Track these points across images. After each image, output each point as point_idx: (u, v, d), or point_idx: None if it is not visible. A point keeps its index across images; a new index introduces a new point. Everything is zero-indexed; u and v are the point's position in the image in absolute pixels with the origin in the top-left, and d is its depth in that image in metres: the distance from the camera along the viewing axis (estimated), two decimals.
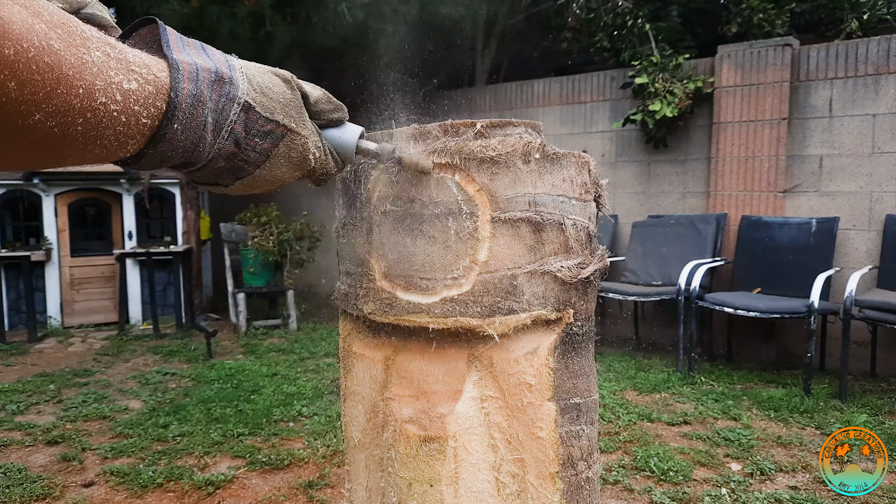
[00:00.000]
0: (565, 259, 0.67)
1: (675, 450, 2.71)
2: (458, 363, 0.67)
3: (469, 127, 0.64)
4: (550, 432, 0.66)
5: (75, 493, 2.37)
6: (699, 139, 4.70)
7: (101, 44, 0.43)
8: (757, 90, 4.31)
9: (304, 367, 4.19)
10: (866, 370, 3.93)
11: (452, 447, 0.65)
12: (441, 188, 0.63)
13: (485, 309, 0.64)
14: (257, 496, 2.33)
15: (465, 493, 0.65)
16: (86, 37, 0.42)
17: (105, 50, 0.43)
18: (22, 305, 5.27)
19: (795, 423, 3.04)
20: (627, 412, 3.18)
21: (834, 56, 4.10)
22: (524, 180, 0.65)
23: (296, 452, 2.69)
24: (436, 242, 0.64)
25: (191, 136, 0.49)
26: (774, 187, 4.29)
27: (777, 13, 5.01)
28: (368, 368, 0.71)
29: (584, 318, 0.71)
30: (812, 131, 4.19)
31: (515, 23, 6.56)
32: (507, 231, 0.64)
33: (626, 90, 4.96)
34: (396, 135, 0.67)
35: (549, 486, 0.66)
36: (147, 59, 0.47)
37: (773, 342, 4.28)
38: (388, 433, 0.68)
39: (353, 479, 0.76)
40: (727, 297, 3.88)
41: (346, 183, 0.71)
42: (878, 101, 3.96)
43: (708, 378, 3.79)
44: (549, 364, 0.66)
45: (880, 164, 3.97)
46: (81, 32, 0.42)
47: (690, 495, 2.30)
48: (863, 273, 3.66)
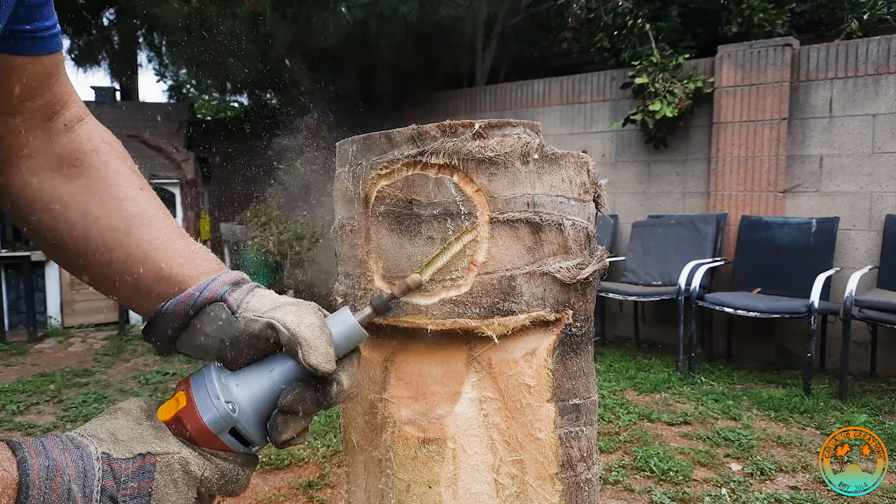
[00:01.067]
0: (564, 260, 0.67)
1: (675, 450, 2.70)
2: (457, 364, 0.67)
3: (467, 127, 0.64)
4: (549, 433, 0.66)
5: None
6: (699, 139, 4.70)
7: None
8: (757, 90, 4.31)
9: None
10: (866, 370, 3.93)
11: (451, 449, 0.64)
12: (439, 189, 0.63)
13: (483, 310, 0.64)
14: (257, 496, 2.33)
15: (465, 495, 0.65)
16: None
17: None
18: (22, 305, 5.26)
19: (795, 423, 3.04)
20: (627, 412, 3.17)
21: (834, 56, 4.10)
22: (523, 181, 0.65)
23: (296, 452, 2.69)
24: (434, 243, 0.64)
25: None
26: (774, 187, 4.29)
27: (777, 13, 5.01)
28: (367, 370, 0.71)
29: (583, 318, 0.70)
30: (812, 131, 4.19)
31: (515, 23, 6.56)
32: (506, 232, 0.64)
33: (626, 90, 4.96)
34: (394, 135, 0.67)
35: (549, 488, 0.66)
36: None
37: (773, 342, 4.28)
38: (387, 435, 0.68)
39: (351, 480, 0.76)
40: (727, 297, 3.88)
41: (344, 183, 0.71)
42: (878, 101, 3.96)
43: (708, 378, 3.79)
44: (548, 365, 0.66)
45: (880, 164, 3.97)
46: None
47: (690, 495, 2.30)
48: (863, 273, 3.66)
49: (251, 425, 0.55)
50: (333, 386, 0.56)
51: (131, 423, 0.52)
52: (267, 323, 0.55)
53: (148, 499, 0.49)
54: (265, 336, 0.56)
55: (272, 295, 0.61)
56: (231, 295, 0.58)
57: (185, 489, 0.51)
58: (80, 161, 0.60)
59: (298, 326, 0.55)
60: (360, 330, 0.58)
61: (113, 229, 0.59)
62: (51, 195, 0.59)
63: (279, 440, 0.56)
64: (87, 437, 0.50)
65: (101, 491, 0.47)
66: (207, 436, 0.53)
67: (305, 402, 0.55)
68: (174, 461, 0.51)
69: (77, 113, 0.62)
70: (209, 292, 0.58)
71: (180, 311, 0.58)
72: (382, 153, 0.66)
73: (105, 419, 0.53)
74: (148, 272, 0.59)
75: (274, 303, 0.58)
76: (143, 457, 0.50)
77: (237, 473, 0.55)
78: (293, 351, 0.54)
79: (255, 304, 0.58)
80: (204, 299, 0.58)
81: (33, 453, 0.45)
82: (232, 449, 0.55)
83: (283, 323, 0.55)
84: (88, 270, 0.61)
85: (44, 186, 0.60)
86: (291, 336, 0.54)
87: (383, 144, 0.66)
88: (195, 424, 0.53)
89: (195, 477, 0.52)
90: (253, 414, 0.55)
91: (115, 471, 0.48)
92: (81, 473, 0.46)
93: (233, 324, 0.57)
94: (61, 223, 0.59)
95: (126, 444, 0.50)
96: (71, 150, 0.61)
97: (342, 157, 0.73)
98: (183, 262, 0.60)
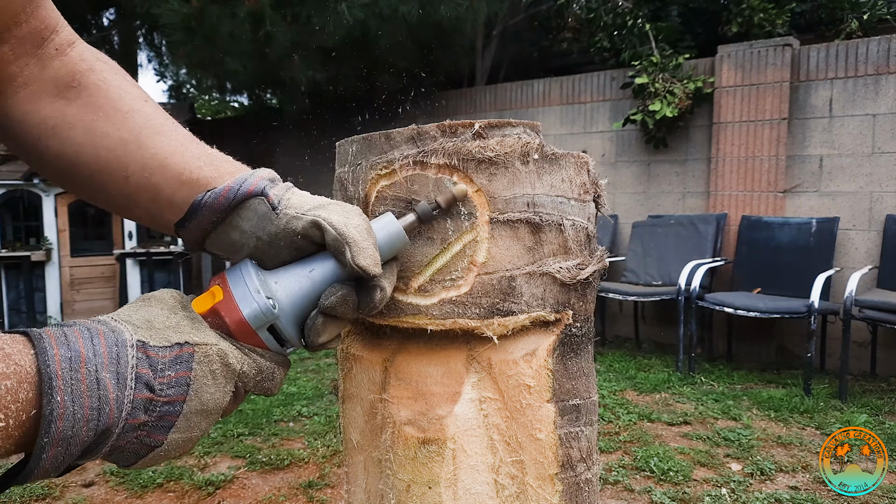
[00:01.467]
0: (564, 260, 0.67)
1: (675, 450, 2.70)
2: (457, 365, 0.67)
3: (467, 127, 0.64)
4: (549, 434, 0.66)
5: (75, 493, 2.37)
6: (699, 139, 4.70)
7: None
8: (757, 90, 4.31)
9: (304, 367, 4.19)
10: (866, 370, 3.93)
11: (451, 449, 0.64)
12: (439, 189, 0.63)
13: (483, 310, 0.64)
14: (257, 496, 2.33)
15: (464, 495, 0.65)
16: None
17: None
18: (22, 305, 5.27)
19: (795, 423, 3.04)
20: (627, 412, 3.17)
21: (834, 56, 4.10)
22: (523, 181, 0.65)
23: (296, 452, 2.69)
24: (434, 243, 0.64)
25: (86, 401, 0.42)
26: (774, 187, 4.29)
27: (777, 13, 5.01)
28: (367, 370, 0.71)
29: (583, 319, 0.70)
30: (812, 131, 4.19)
31: (515, 23, 6.56)
32: (506, 232, 0.64)
33: (626, 90, 4.96)
34: (394, 135, 0.67)
35: (549, 488, 0.66)
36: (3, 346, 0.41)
37: (773, 342, 4.28)
38: (387, 435, 0.68)
39: (351, 481, 0.76)
40: (727, 297, 3.88)
41: (344, 183, 0.71)
42: (878, 101, 3.96)
43: (708, 378, 3.79)
44: (548, 365, 0.66)
45: (880, 164, 3.97)
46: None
47: (690, 495, 2.30)
48: (863, 273, 3.66)
49: (290, 324, 0.53)
50: (377, 291, 0.55)
51: (166, 311, 0.50)
52: (312, 221, 0.53)
53: (186, 388, 0.47)
54: (309, 235, 0.54)
55: (310, 195, 0.59)
56: (272, 190, 0.56)
57: (223, 381, 0.50)
58: (78, 81, 0.58)
59: (346, 227, 0.53)
60: (403, 236, 0.57)
61: (123, 143, 0.57)
62: (54, 119, 0.57)
63: (316, 342, 0.54)
64: (121, 322, 0.48)
65: (135, 378, 0.45)
66: (246, 330, 0.52)
67: (348, 304, 0.54)
68: (213, 352, 0.49)
69: (67, 37, 0.60)
70: (249, 186, 0.56)
71: (220, 205, 0.55)
72: (382, 153, 0.66)
73: (139, 306, 0.51)
74: (168, 180, 0.56)
75: (316, 201, 0.56)
76: (181, 346, 0.48)
77: (273, 371, 0.53)
78: (339, 252, 0.52)
79: (297, 201, 0.56)
80: (244, 193, 0.55)
81: (54, 344, 0.43)
82: (269, 347, 0.53)
83: (329, 222, 0.53)
84: (105, 192, 0.58)
85: (45, 112, 0.58)
86: (339, 236, 0.52)
87: (383, 144, 0.66)
88: (234, 317, 0.51)
89: (234, 370, 0.50)
90: (292, 313, 0.53)
91: (152, 358, 0.46)
92: (114, 360, 0.44)
93: (273, 220, 0.54)
94: (69, 146, 0.57)
95: (162, 333, 0.48)
96: (66, 73, 0.58)
97: (342, 157, 0.73)
98: (202, 165, 0.57)
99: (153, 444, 0.47)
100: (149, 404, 0.45)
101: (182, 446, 0.49)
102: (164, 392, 0.46)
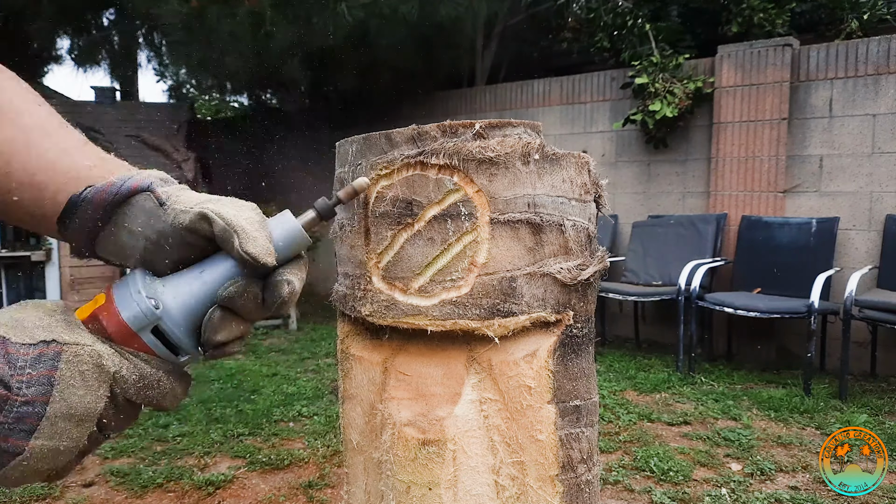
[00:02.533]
0: (565, 260, 0.67)
1: (675, 450, 2.70)
2: (457, 365, 0.67)
3: (467, 128, 0.64)
4: (550, 435, 0.65)
5: (75, 493, 2.37)
6: (699, 139, 4.69)
7: None
8: (757, 90, 4.31)
9: (304, 367, 4.19)
10: (866, 370, 3.93)
11: (451, 450, 0.64)
12: (439, 189, 0.63)
13: (484, 311, 0.64)
14: (257, 496, 2.33)
15: (465, 496, 0.65)
16: None
17: None
18: None
19: (795, 423, 3.04)
20: (627, 412, 3.17)
21: (834, 56, 4.10)
22: (523, 181, 0.64)
23: (296, 452, 2.69)
24: (434, 244, 0.64)
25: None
26: (774, 187, 4.29)
27: (777, 13, 5.00)
28: (367, 371, 0.70)
29: (583, 319, 0.70)
30: (812, 131, 4.19)
31: (515, 23, 6.55)
32: (507, 233, 0.64)
33: (626, 90, 4.96)
34: (394, 135, 0.67)
35: (549, 489, 0.66)
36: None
37: (773, 342, 4.28)
38: (387, 436, 0.67)
39: (351, 481, 0.75)
40: (727, 297, 3.87)
41: (344, 184, 0.71)
42: (878, 101, 3.96)
43: (708, 378, 3.79)
44: (549, 366, 0.66)
45: (880, 164, 3.97)
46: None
47: (690, 495, 2.30)
48: (863, 273, 3.66)
49: (178, 327, 0.50)
50: (285, 286, 0.52)
51: (41, 313, 0.47)
52: (200, 213, 0.50)
53: (49, 388, 0.43)
54: (196, 228, 0.51)
55: (206, 194, 0.55)
56: (160, 188, 0.53)
57: (95, 384, 0.46)
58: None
59: (235, 217, 0.50)
60: (302, 233, 0.54)
61: (9, 141, 0.52)
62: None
63: (213, 339, 0.50)
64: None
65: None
66: (127, 333, 0.49)
67: (248, 297, 0.50)
68: (84, 352, 0.46)
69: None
70: (134, 181, 0.52)
71: (102, 199, 0.51)
72: (382, 153, 0.66)
73: (14, 308, 0.48)
74: (54, 178, 0.52)
75: (208, 197, 0.53)
76: (47, 343, 0.45)
77: (159, 379, 0.49)
78: (228, 242, 0.49)
79: (187, 197, 0.53)
80: (129, 188, 0.52)
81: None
82: (156, 352, 0.50)
83: (217, 213, 0.50)
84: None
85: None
86: (227, 226, 0.49)
87: (383, 144, 0.66)
88: (113, 320, 0.49)
89: (108, 372, 0.46)
90: (180, 316, 0.50)
91: (11, 354, 0.43)
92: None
93: (161, 217, 0.51)
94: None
95: (29, 331, 0.45)
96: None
97: (342, 157, 0.73)
98: (93, 166, 0.53)
99: (13, 451, 0.43)
100: (3, 403, 0.42)
101: (51, 457, 0.45)
102: (22, 391, 0.43)
